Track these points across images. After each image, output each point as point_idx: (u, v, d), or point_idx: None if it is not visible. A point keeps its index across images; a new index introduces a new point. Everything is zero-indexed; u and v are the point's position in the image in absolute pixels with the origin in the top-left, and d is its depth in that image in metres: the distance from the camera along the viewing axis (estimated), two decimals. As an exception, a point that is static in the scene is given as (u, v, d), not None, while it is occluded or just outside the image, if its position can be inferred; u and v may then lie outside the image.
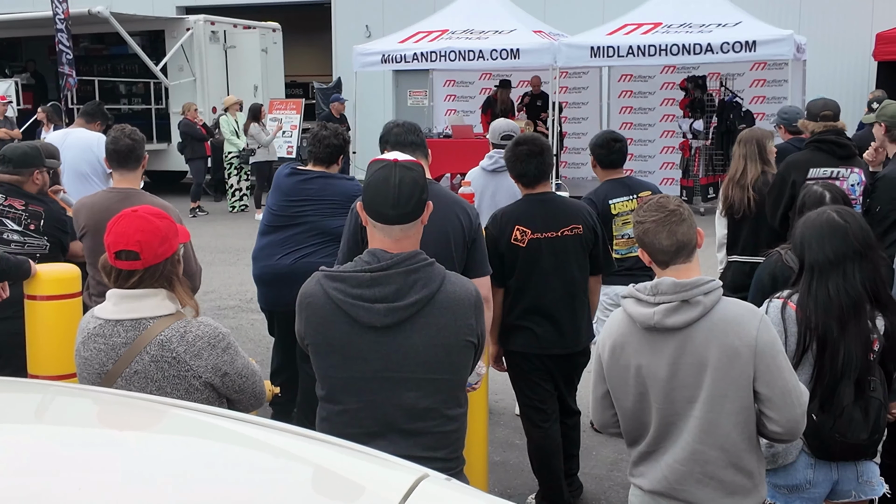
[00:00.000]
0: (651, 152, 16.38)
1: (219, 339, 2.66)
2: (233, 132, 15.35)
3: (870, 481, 3.17)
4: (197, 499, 1.59)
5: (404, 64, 15.41)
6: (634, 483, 2.91)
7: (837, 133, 5.51)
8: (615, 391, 2.87)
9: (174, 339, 2.60)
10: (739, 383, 2.66)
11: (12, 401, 2.27)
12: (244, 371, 2.74)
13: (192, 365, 2.61)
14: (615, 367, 2.83)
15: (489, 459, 4.65)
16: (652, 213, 2.77)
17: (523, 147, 4.35)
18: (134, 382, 2.59)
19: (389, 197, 2.55)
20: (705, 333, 2.67)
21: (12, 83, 16.84)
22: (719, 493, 2.71)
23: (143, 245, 2.61)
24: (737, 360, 2.65)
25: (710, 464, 2.71)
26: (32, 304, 3.76)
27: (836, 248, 3.05)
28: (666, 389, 2.73)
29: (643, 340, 2.76)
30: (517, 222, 4.28)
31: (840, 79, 16.17)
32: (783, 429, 2.69)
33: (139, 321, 2.62)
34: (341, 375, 2.61)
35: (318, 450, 1.90)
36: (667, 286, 2.70)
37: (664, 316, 2.68)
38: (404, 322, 2.54)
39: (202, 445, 1.96)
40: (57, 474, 1.66)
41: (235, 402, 2.77)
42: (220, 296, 9.39)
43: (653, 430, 2.80)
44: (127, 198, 4.39)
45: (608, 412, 2.95)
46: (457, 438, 2.69)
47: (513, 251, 4.28)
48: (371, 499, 1.65)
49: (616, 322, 2.86)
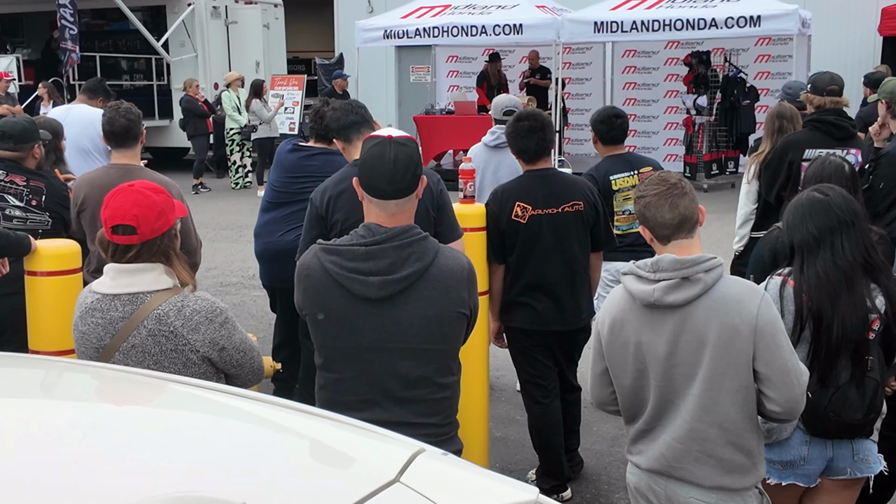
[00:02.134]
0: (655, 128, 16.32)
1: (216, 313, 2.68)
2: (234, 108, 15.29)
3: (866, 459, 3.17)
4: (194, 472, 1.60)
5: (406, 39, 15.34)
6: (632, 461, 2.91)
7: (837, 113, 5.48)
8: (614, 368, 2.87)
9: (171, 313, 2.61)
10: (739, 362, 2.65)
11: (13, 376, 2.28)
12: (242, 346, 2.75)
13: (190, 339, 2.62)
14: (614, 343, 2.83)
15: (490, 435, 4.67)
16: (653, 187, 2.76)
17: (524, 122, 4.33)
18: (131, 356, 2.60)
19: (385, 173, 2.61)
20: (705, 311, 2.66)
21: (14, 59, 16.78)
22: (717, 471, 2.72)
23: (140, 219, 2.62)
24: (736, 338, 2.64)
25: (708, 442, 2.70)
26: (33, 279, 3.76)
27: (820, 224, 3.04)
28: (665, 367, 2.72)
29: (643, 317, 2.75)
30: (518, 198, 4.27)
31: (845, 54, 16.05)
32: (782, 408, 2.68)
33: (136, 295, 2.63)
34: (337, 345, 2.67)
35: (315, 425, 1.91)
36: (667, 263, 2.69)
37: (664, 293, 2.68)
38: (398, 295, 2.60)
39: (200, 420, 1.97)
40: (54, 448, 1.66)
41: (234, 377, 2.78)
42: (222, 272, 9.41)
43: (650, 408, 2.79)
44: (126, 173, 4.39)
45: (606, 389, 2.95)
46: (450, 405, 2.77)
47: (513, 228, 4.27)
48: (368, 473, 1.66)
49: (616, 299, 2.86)
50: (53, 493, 1.48)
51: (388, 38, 15.44)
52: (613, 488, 4.69)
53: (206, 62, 17.56)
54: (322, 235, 3.51)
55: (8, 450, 1.64)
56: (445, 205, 3.72)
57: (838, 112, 5.49)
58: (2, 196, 4.45)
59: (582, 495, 4.61)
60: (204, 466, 1.64)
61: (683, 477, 2.75)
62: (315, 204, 3.64)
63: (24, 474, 1.53)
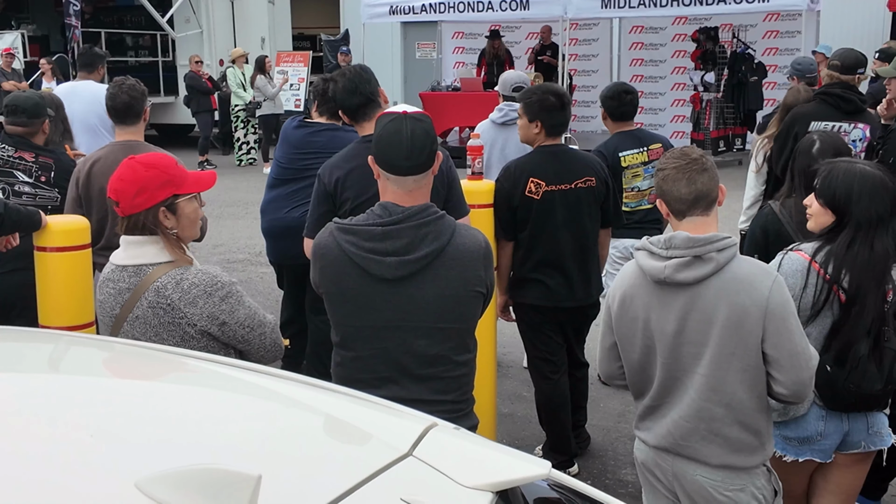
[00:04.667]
0: (662, 105, 16.24)
1: (216, 287, 2.63)
2: (239, 85, 15.25)
3: (879, 432, 3.18)
4: (209, 446, 1.61)
5: (412, 15, 15.26)
6: (640, 437, 2.92)
7: (844, 86, 5.45)
8: (622, 343, 2.87)
9: (169, 286, 2.60)
10: (747, 343, 2.64)
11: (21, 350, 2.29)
12: (247, 321, 2.69)
13: (187, 312, 2.59)
14: (623, 318, 2.83)
15: (497, 411, 4.68)
16: (674, 161, 2.73)
17: (555, 99, 4.31)
18: (136, 327, 2.62)
19: (403, 148, 2.59)
20: (716, 291, 2.65)
21: (18, 35, 16.73)
22: (724, 449, 2.72)
23: (119, 194, 2.65)
24: (746, 319, 2.62)
25: (715, 421, 2.70)
26: (43, 255, 3.76)
27: (885, 207, 3.00)
28: (673, 344, 2.72)
29: (653, 294, 2.74)
30: (531, 174, 4.25)
31: (854, 30, 15.90)
32: (789, 391, 2.68)
33: (140, 267, 2.64)
34: (354, 324, 2.67)
35: (328, 399, 1.91)
36: (680, 240, 2.67)
37: (675, 270, 2.66)
38: (415, 274, 2.59)
39: (214, 394, 1.98)
40: (66, 421, 1.67)
41: (245, 353, 2.77)
42: (228, 249, 9.42)
43: (657, 385, 2.80)
44: (131, 150, 4.38)
45: (615, 364, 2.96)
46: (465, 382, 2.77)
47: (527, 204, 4.26)
48: (381, 447, 1.67)
49: (627, 274, 2.85)
50: (65, 465, 1.49)
51: (394, 14, 15.36)
52: (620, 464, 4.71)
53: (211, 38, 17.50)
54: (331, 212, 3.50)
55: (17, 422, 1.65)
56: (454, 181, 3.72)
57: (845, 85, 5.47)
58: (11, 172, 4.45)
59: (588, 471, 4.63)
60: (218, 440, 1.64)
61: (690, 455, 2.76)
62: (323, 181, 3.63)
63: (35, 447, 1.54)
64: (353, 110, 3.78)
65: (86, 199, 4.34)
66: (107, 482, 1.44)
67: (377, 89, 3.83)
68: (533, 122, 4.32)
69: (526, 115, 4.34)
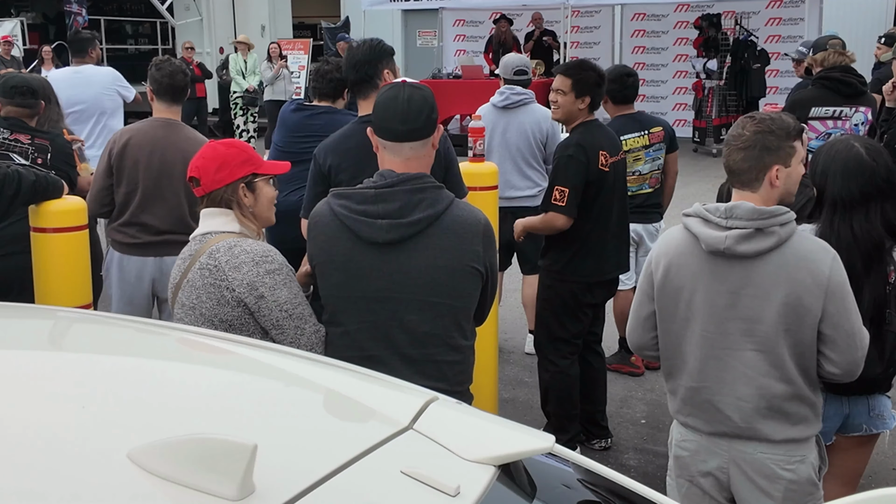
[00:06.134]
0: (664, 93, 16.20)
1: (267, 259, 2.61)
2: (239, 72, 15.17)
3: (881, 415, 3.15)
4: (206, 417, 1.58)
5: (413, 3, 15.25)
6: (689, 425, 2.77)
7: (844, 70, 5.40)
8: (662, 313, 2.76)
9: (222, 248, 2.61)
10: (805, 321, 2.56)
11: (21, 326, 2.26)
12: (287, 306, 2.60)
13: (229, 276, 2.56)
14: (667, 287, 2.71)
15: (499, 396, 4.65)
16: (732, 132, 2.65)
17: (599, 74, 4.38)
18: (185, 290, 2.64)
19: (398, 112, 2.53)
20: (775, 266, 2.56)
21: (18, 22, 16.68)
22: (785, 424, 2.64)
23: (201, 171, 2.70)
24: (805, 296, 2.54)
25: (776, 398, 2.62)
26: (41, 236, 3.74)
27: (862, 186, 2.94)
28: (721, 318, 2.62)
29: (703, 264, 2.63)
30: (601, 148, 4.25)
31: (857, 16, 15.84)
32: (842, 370, 2.61)
33: (205, 235, 2.69)
34: (343, 294, 2.59)
35: (329, 373, 1.89)
36: (743, 211, 2.56)
37: (736, 242, 2.55)
38: (407, 240, 2.52)
39: (209, 368, 1.95)
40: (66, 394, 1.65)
41: (276, 341, 2.62)
42: (229, 236, 9.39)
43: (695, 362, 2.70)
44: (170, 126, 4.41)
45: (649, 334, 2.84)
46: (461, 371, 2.65)
47: (600, 177, 4.25)
48: (381, 420, 1.64)
49: (674, 241, 2.72)
50: (63, 438, 1.46)
51: (395, 2, 15.33)
52: (622, 448, 4.69)
53: (211, 26, 17.46)
54: (325, 193, 3.46)
55: (18, 397, 1.63)
56: (452, 162, 3.67)
57: (845, 69, 5.42)
58: (7, 155, 4.41)
59: (591, 455, 4.61)
60: (215, 412, 1.62)
61: (751, 435, 2.66)
62: (318, 161, 3.59)
63: (34, 420, 1.52)
64: (352, 85, 3.71)
65: (118, 169, 4.35)
66: (99, 453, 1.41)
67: (380, 71, 3.61)
68: (580, 99, 4.29)
69: (573, 91, 4.28)
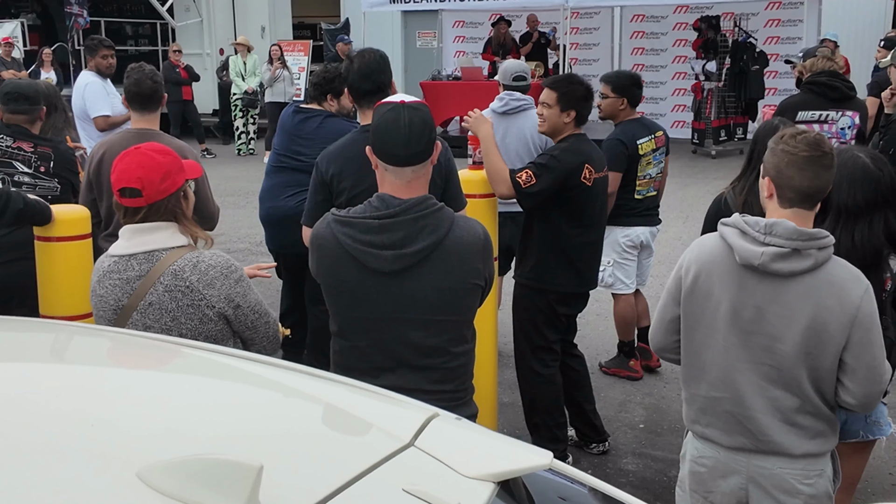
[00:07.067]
0: (663, 94, 16.21)
1: (231, 269, 2.69)
2: (238, 74, 15.19)
3: (878, 422, 3.18)
4: (210, 435, 1.61)
5: (413, 4, 15.24)
6: (708, 437, 2.76)
7: (830, 75, 5.44)
8: (687, 318, 2.75)
9: (187, 268, 2.62)
10: (828, 348, 2.56)
11: (26, 340, 2.29)
12: (256, 307, 2.75)
13: (206, 294, 2.62)
14: (696, 293, 2.71)
15: (498, 401, 4.68)
16: (806, 149, 2.58)
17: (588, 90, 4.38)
18: (149, 315, 2.61)
19: (401, 137, 2.56)
20: (805, 288, 2.55)
21: (18, 24, 16.68)
22: (804, 438, 2.65)
23: (144, 182, 2.63)
24: (832, 323, 2.54)
25: (790, 411, 2.63)
26: (44, 245, 3.77)
27: (868, 195, 2.96)
28: (744, 331, 2.63)
29: (734, 275, 2.63)
30: (586, 160, 4.21)
31: (856, 18, 15.87)
32: (858, 402, 2.61)
33: (152, 253, 2.64)
34: (351, 315, 2.66)
35: (330, 389, 1.91)
36: (784, 230, 2.55)
37: (772, 259, 2.55)
38: (412, 267, 2.58)
39: (214, 384, 1.98)
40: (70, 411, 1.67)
41: (249, 341, 2.79)
42: (229, 239, 9.42)
43: (717, 372, 2.70)
44: (144, 137, 4.38)
45: (672, 337, 2.84)
46: (464, 372, 2.76)
47: (580, 189, 4.20)
48: (383, 437, 1.67)
49: (707, 248, 2.71)
50: (68, 455, 1.49)
51: (395, 3, 15.33)
52: (621, 453, 4.72)
53: (211, 27, 17.47)
54: (327, 201, 3.50)
55: (24, 412, 1.65)
56: (452, 174, 3.70)
57: (831, 73, 5.46)
58: (10, 163, 4.44)
59: (589, 460, 4.64)
60: (219, 429, 1.64)
61: (770, 449, 2.66)
62: (320, 170, 3.62)
63: (40, 435, 1.54)
64: (362, 95, 3.71)
65: (96, 184, 4.34)
66: (109, 472, 1.44)
67: (391, 81, 3.75)
68: (565, 112, 4.27)
69: (559, 105, 4.27)
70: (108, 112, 6.66)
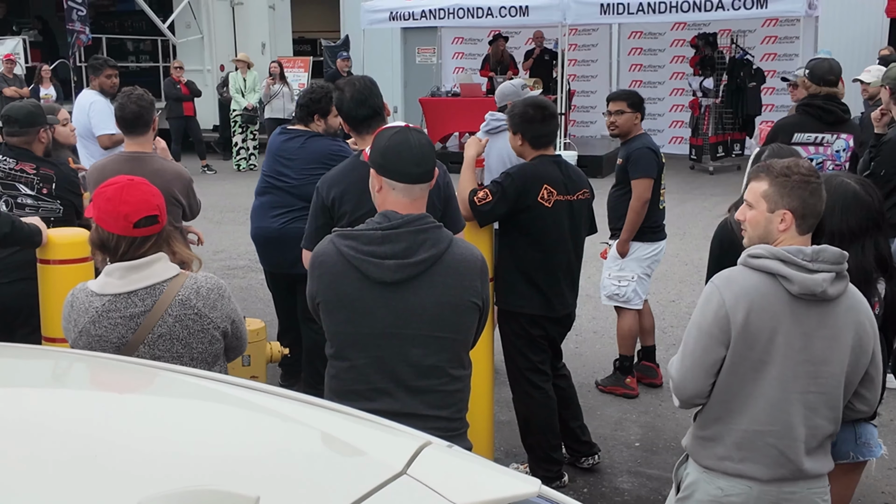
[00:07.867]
0: (661, 110, 16.29)
1: (223, 289, 2.82)
2: (238, 90, 15.28)
3: (868, 443, 3.21)
4: (203, 465, 1.65)
5: (412, 21, 15.31)
6: (744, 474, 2.70)
7: (826, 98, 5.51)
8: (735, 357, 2.66)
9: (192, 296, 2.71)
10: (861, 362, 2.64)
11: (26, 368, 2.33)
12: (241, 317, 2.92)
13: (212, 317, 2.75)
14: (749, 330, 2.63)
15: (494, 419, 4.72)
16: (813, 175, 2.65)
17: (540, 110, 4.34)
18: (158, 346, 2.67)
19: (413, 156, 2.69)
20: (844, 308, 2.63)
21: (20, 41, 16.75)
22: (823, 459, 2.73)
23: (161, 208, 2.76)
24: (865, 338, 2.63)
25: (826, 437, 2.70)
26: (46, 268, 3.82)
27: (860, 220, 3.03)
28: (795, 361, 2.63)
29: (785, 306, 2.61)
30: (546, 181, 4.23)
31: (853, 35, 15.98)
32: (870, 408, 2.71)
33: (153, 287, 2.68)
34: (350, 331, 2.71)
35: (323, 416, 1.95)
36: (831, 255, 2.58)
37: (829, 285, 2.57)
38: (413, 279, 2.65)
39: (209, 412, 2.02)
40: (68, 441, 1.72)
41: (233, 349, 2.93)
42: (229, 255, 9.46)
43: (767, 406, 2.65)
44: (135, 161, 4.44)
45: (709, 381, 2.71)
46: (461, 399, 2.80)
47: (538, 210, 4.22)
48: (375, 465, 1.71)
49: (752, 284, 2.64)
50: (67, 486, 1.53)
51: (394, 20, 15.42)
52: (616, 472, 4.75)
53: (211, 43, 17.55)
54: (328, 225, 3.55)
55: (20, 442, 1.70)
56: (451, 197, 3.76)
57: (828, 97, 5.53)
58: (13, 185, 4.49)
59: (585, 479, 4.67)
60: (213, 459, 1.68)
61: (801, 475, 2.68)
62: (321, 194, 3.68)
63: (37, 467, 1.59)
64: (359, 122, 3.81)
65: None
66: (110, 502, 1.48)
67: (383, 103, 3.89)
68: (516, 135, 4.35)
69: (511, 128, 4.40)
70: (113, 130, 6.72)
